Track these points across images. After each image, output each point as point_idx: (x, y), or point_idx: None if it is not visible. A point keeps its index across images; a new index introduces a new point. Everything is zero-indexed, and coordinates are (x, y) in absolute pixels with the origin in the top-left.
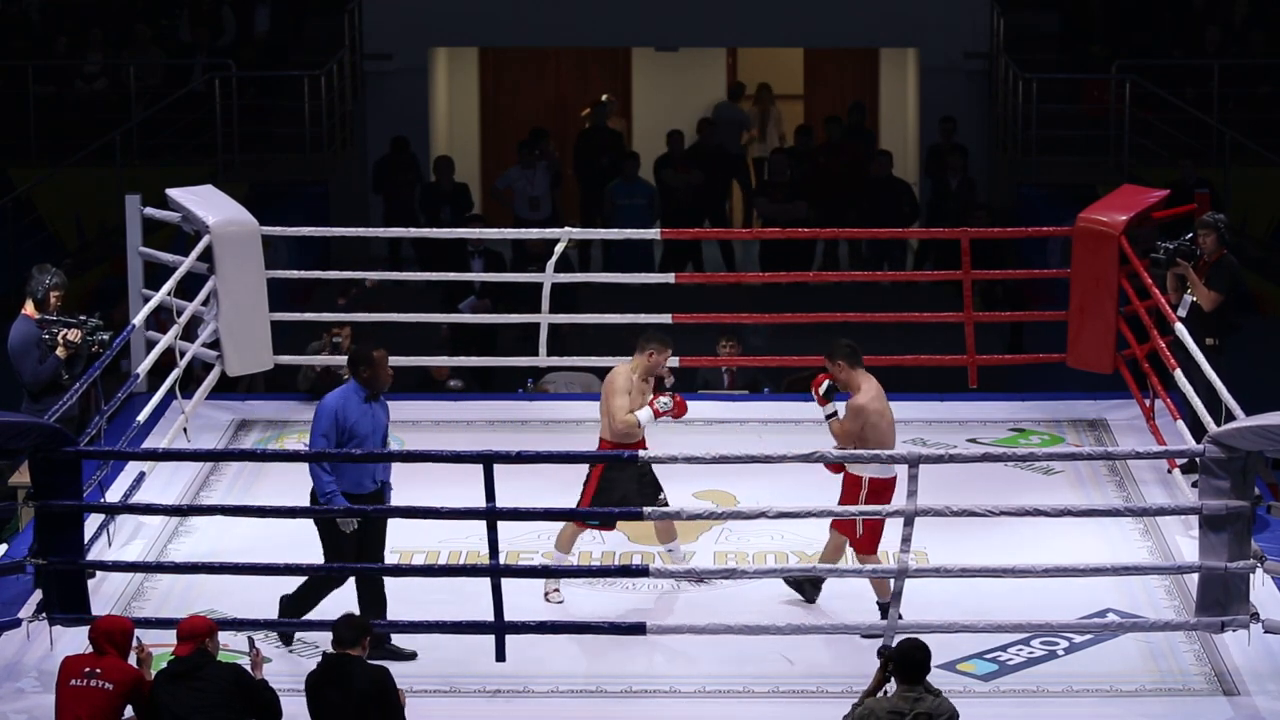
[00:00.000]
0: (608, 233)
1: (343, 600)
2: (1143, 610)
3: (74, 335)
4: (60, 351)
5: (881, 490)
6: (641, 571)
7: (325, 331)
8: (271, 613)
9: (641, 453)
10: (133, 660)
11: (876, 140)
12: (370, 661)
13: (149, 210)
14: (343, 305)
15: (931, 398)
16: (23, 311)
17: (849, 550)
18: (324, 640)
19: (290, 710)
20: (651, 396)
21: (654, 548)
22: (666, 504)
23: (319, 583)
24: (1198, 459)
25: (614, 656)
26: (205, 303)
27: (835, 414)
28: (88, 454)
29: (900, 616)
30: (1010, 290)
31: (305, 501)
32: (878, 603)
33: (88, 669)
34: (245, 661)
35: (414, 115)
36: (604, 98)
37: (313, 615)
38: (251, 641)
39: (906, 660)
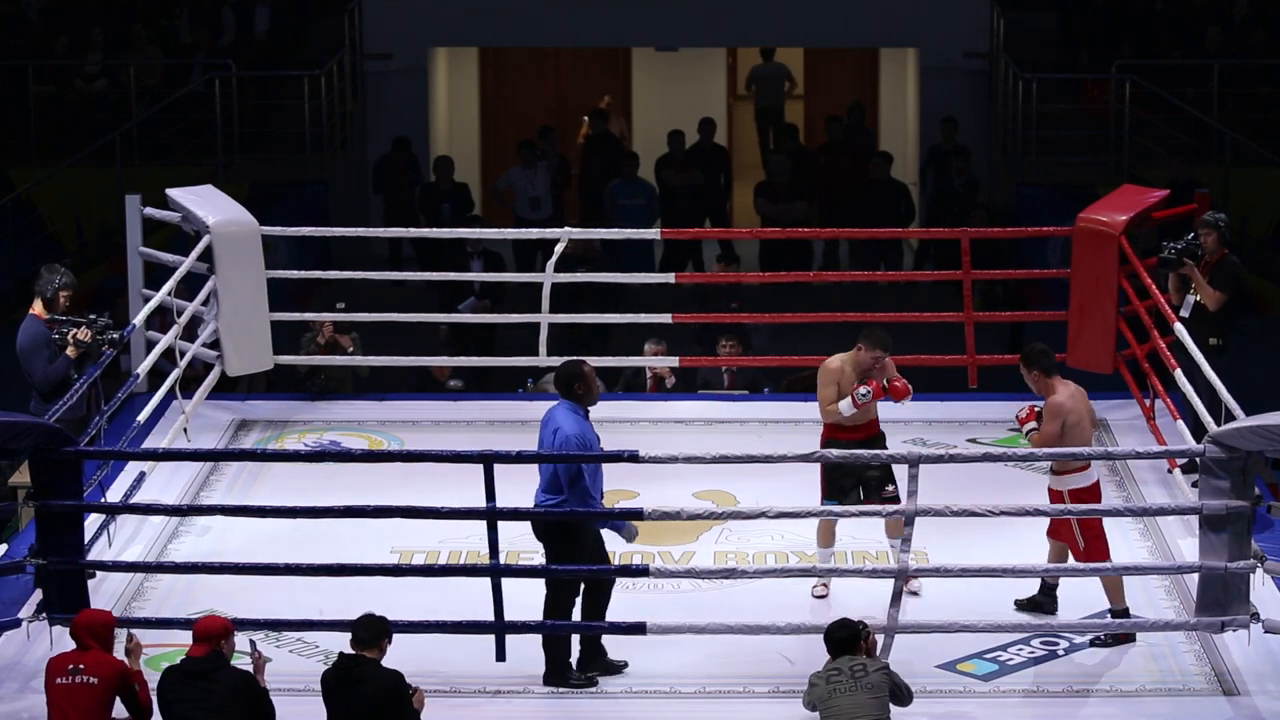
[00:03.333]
0: (608, 232)
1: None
2: (1143, 610)
3: (84, 335)
4: (70, 351)
5: (1085, 499)
6: (641, 571)
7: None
8: (270, 612)
9: (642, 452)
10: (120, 652)
11: (876, 140)
12: (384, 665)
13: (149, 210)
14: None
15: (931, 398)
16: (31, 311)
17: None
18: (324, 640)
19: (288, 711)
20: (855, 385)
21: (656, 548)
22: (896, 497)
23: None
24: (1198, 459)
25: (614, 656)
26: (205, 303)
27: (1035, 429)
28: (88, 454)
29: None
30: (1010, 290)
31: (306, 501)
32: (1111, 610)
33: (71, 666)
34: (245, 662)
35: (414, 115)
36: (604, 101)
37: (312, 616)
38: (253, 644)
39: (830, 639)
